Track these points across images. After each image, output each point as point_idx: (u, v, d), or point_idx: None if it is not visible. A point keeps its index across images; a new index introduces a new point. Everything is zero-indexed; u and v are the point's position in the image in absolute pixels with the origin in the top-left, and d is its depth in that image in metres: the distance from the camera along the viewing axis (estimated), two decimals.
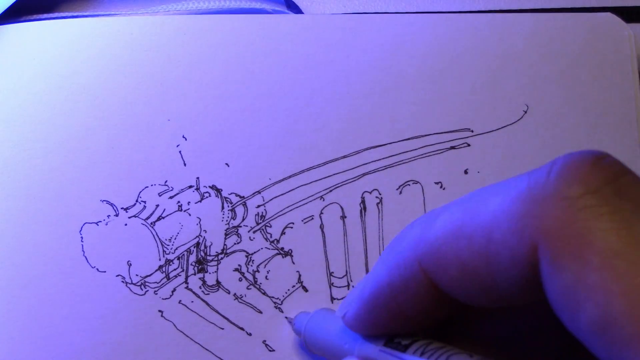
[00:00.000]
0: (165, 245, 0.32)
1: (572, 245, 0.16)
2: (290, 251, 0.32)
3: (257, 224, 0.32)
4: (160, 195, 0.32)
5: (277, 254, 0.32)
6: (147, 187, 0.32)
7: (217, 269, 0.31)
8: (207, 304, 0.31)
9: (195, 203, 0.32)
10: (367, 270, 0.32)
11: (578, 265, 0.15)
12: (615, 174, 0.16)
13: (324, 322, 0.27)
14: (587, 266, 0.15)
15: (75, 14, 0.36)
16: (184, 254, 0.32)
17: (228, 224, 0.32)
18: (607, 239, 0.15)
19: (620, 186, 0.16)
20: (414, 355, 0.21)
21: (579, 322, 0.15)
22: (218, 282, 0.31)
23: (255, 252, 0.32)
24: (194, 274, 0.31)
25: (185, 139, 0.32)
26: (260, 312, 0.31)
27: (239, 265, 0.32)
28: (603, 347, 0.15)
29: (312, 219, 0.32)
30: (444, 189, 0.32)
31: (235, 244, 0.32)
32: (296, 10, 0.36)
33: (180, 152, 0.32)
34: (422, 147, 0.33)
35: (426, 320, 0.21)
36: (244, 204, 0.32)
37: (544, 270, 0.16)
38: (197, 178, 0.32)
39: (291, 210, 0.32)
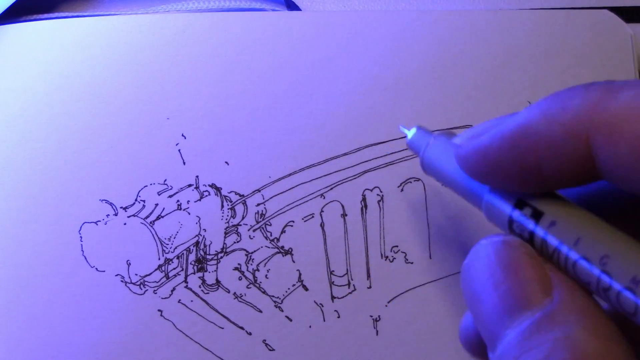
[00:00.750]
0: (165, 245, 0.31)
1: None
2: (290, 250, 0.31)
3: (257, 222, 0.32)
4: (159, 194, 0.32)
5: (277, 252, 0.31)
6: (147, 186, 0.32)
7: (217, 268, 0.31)
8: (207, 303, 0.31)
9: (195, 202, 0.32)
10: (368, 269, 0.31)
11: None
12: None
13: (449, 152, 0.24)
14: None
15: (75, 14, 0.36)
16: (183, 253, 0.31)
17: (228, 222, 0.32)
18: None
19: None
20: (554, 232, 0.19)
21: None
22: (218, 281, 0.31)
23: (255, 251, 0.31)
24: (194, 273, 0.31)
25: (185, 138, 0.32)
26: (260, 311, 0.31)
27: (239, 264, 0.31)
28: None
29: (313, 217, 0.32)
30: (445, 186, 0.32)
31: (235, 242, 0.32)
32: (295, 9, 0.36)
33: (179, 150, 0.32)
34: None
35: (556, 184, 0.19)
36: (244, 203, 0.32)
37: None
38: (197, 177, 0.32)
39: (291, 208, 0.32)
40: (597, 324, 0.17)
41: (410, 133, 0.28)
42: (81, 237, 0.31)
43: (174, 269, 0.31)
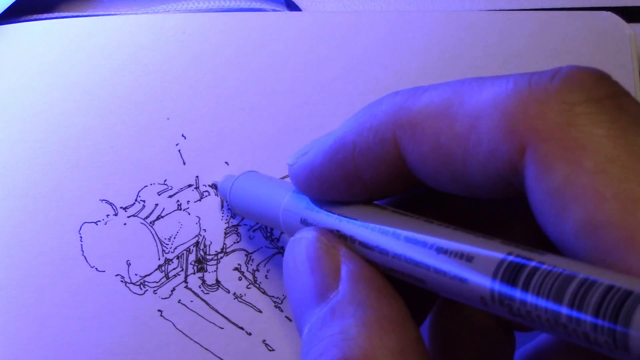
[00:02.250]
0: (165, 245, 0.31)
1: (566, 148, 0.15)
2: None
3: (257, 222, 0.32)
4: (159, 194, 0.32)
5: (277, 252, 0.32)
6: (146, 186, 0.32)
7: (217, 268, 0.31)
8: (207, 303, 0.31)
9: (195, 202, 0.32)
10: None
11: (570, 168, 0.15)
12: (617, 91, 0.16)
13: (255, 181, 0.27)
14: (579, 169, 0.15)
15: (75, 14, 0.36)
16: (183, 253, 0.31)
17: (228, 222, 0.32)
18: (603, 145, 0.15)
19: (621, 102, 0.16)
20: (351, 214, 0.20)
21: (564, 225, 0.15)
22: (218, 282, 0.31)
23: (255, 251, 0.32)
24: (194, 273, 0.31)
25: (185, 138, 0.32)
26: (260, 312, 0.31)
27: (239, 264, 0.31)
28: (588, 251, 0.15)
29: None
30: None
31: (234, 242, 0.32)
32: (296, 9, 0.36)
33: (179, 150, 0.32)
34: None
35: (380, 193, 0.21)
36: None
37: (530, 172, 0.16)
38: (197, 177, 0.32)
39: None
40: (376, 314, 0.18)
41: (219, 182, 0.30)
42: (81, 237, 0.31)
43: (174, 269, 0.31)
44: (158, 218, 0.32)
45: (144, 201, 0.32)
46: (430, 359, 0.18)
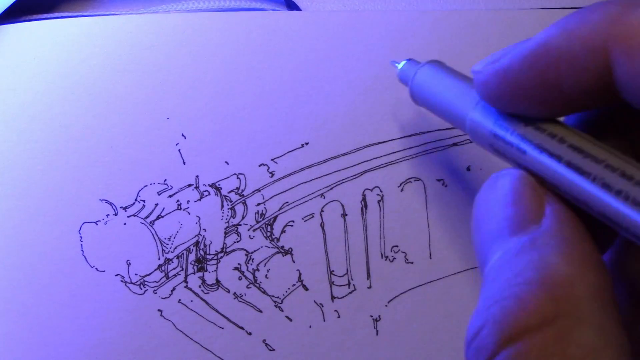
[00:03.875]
0: (165, 244, 0.31)
1: None
2: (290, 249, 0.31)
3: (257, 222, 0.32)
4: (159, 194, 0.32)
5: (277, 252, 0.31)
6: (146, 186, 0.32)
7: (217, 267, 0.31)
8: (207, 303, 0.31)
9: (195, 202, 0.32)
10: (368, 269, 0.31)
11: None
12: None
13: (441, 74, 0.26)
14: None
15: (75, 14, 0.36)
16: (183, 253, 0.31)
17: (228, 222, 0.32)
18: None
19: None
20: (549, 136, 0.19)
21: None
22: (218, 281, 0.31)
23: (255, 251, 0.31)
24: (194, 273, 0.31)
25: (185, 138, 0.32)
26: (260, 311, 0.31)
27: (239, 264, 0.31)
28: None
29: (313, 217, 0.32)
30: (446, 186, 0.32)
31: (235, 242, 0.32)
32: (295, 8, 0.36)
33: (179, 150, 0.32)
34: (424, 144, 0.32)
35: (576, 106, 0.20)
36: (244, 202, 0.32)
37: None
38: (197, 176, 0.32)
39: (291, 208, 0.32)
40: (576, 251, 0.18)
41: (400, 65, 0.29)
42: (81, 237, 0.31)
43: (174, 268, 0.31)
44: (158, 218, 0.32)
45: (144, 201, 0.32)
46: (618, 307, 0.18)
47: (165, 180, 0.32)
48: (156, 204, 0.32)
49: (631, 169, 0.17)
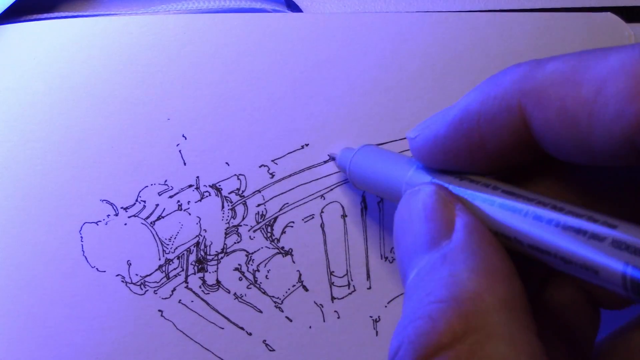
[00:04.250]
0: (165, 245, 0.31)
1: None
2: (290, 250, 0.32)
3: (257, 223, 0.32)
4: (160, 194, 0.32)
5: (278, 253, 0.32)
6: (147, 186, 0.32)
7: (217, 268, 0.31)
8: (207, 303, 0.31)
9: (195, 202, 0.32)
10: (367, 270, 0.32)
11: None
12: None
13: (375, 154, 0.27)
14: None
15: (75, 14, 0.35)
16: (183, 254, 0.31)
17: (228, 223, 0.32)
18: None
19: None
20: (474, 184, 0.20)
21: None
22: (218, 282, 0.31)
23: (255, 252, 0.32)
24: (194, 274, 0.31)
25: (185, 138, 0.32)
26: (261, 312, 0.31)
27: (239, 264, 0.31)
28: None
29: (313, 218, 0.32)
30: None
31: (235, 243, 0.32)
32: (296, 10, 0.36)
33: (180, 151, 0.32)
34: None
35: (501, 163, 0.21)
36: (244, 203, 0.32)
37: None
38: (197, 177, 0.32)
39: (292, 209, 0.32)
40: (484, 264, 0.18)
41: (338, 155, 0.31)
42: (82, 237, 0.31)
43: (175, 269, 0.31)
44: (159, 218, 0.32)
45: (144, 201, 0.32)
46: (532, 314, 0.18)
47: (166, 180, 0.32)
48: (157, 205, 0.32)
49: (560, 203, 0.18)
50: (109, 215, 0.32)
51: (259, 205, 0.32)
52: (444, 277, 0.18)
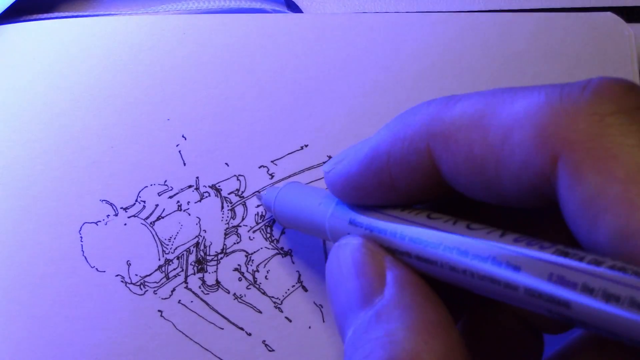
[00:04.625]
0: (165, 245, 0.31)
1: (597, 158, 0.16)
2: (290, 251, 0.32)
3: (257, 223, 0.32)
4: (159, 194, 0.32)
5: (277, 253, 0.32)
6: (147, 186, 0.32)
7: (217, 268, 0.31)
8: (207, 303, 0.31)
9: (195, 203, 0.32)
10: None
11: (602, 177, 0.15)
12: None
13: (298, 192, 0.27)
14: (610, 178, 0.15)
15: (75, 14, 0.36)
16: (183, 254, 0.31)
17: (228, 223, 0.32)
18: (634, 154, 0.15)
19: None
20: (392, 214, 0.21)
21: (597, 234, 0.15)
22: (218, 282, 0.31)
23: (255, 252, 0.32)
24: (194, 274, 0.31)
25: (185, 139, 0.32)
26: (260, 312, 0.31)
27: (239, 265, 0.31)
28: (622, 259, 0.15)
29: None
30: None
31: (234, 243, 0.32)
32: (296, 10, 0.36)
33: (179, 151, 0.32)
34: None
35: (415, 200, 0.21)
36: (244, 204, 0.32)
37: (562, 182, 0.16)
38: (197, 178, 0.32)
39: None
40: (421, 319, 0.18)
41: (263, 195, 0.30)
42: (81, 237, 0.31)
43: (174, 269, 0.31)
44: (158, 218, 0.32)
45: (144, 202, 0.32)
46: None
47: (166, 181, 0.32)
48: (156, 205, 0.32)
49: (474, 226, 0.18)
50: (108, 215, 0.32)
51: (258, 205, 0.32)
52: (380, 337, 0.18)
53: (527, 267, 0.16)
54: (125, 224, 0.32)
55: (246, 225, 0.32)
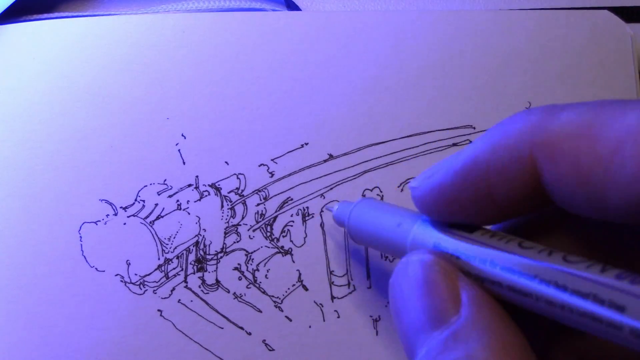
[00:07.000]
0: (165, 245, 0.31)
1: None
2: (290, 250, 0.31)
3: (257, 222, 0.32)
4: (159, 194, 0.32)
5: (277, 252, 0.31)
6: (146, 186, 0.32)
7: (217, 268, 0.31)
8: (207, 303, 0.31)
9: (195, 202, 0.32)
10: (368, 269, 0.31)
11: None
12: None
13: (374, 209, 0.26)
14: None
15: (75, 14, 0.36)
16: (183, 253, 0.31)
17: (227, 222, 0.32)
18: None
19: None
20: (482, 238, 0.20)
21: None
22: (217, 281, 0.31)
23: (255, 251, 0.31)
24: (193, 273, 0.31)
25: (185, 138, 0.32)
26: (260, 312, 0.31)
27: (239, 264, 0.31)
28: None
29: (313, 217, 0.32)
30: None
31: (234, 242, 0.32)
32: (296, 9, 0.36)
33: (179, 150, 0.32)
34: (424, 144, 0.32)
35: (510, 213, 0.20)
36: (244, 203, 0.32)
37: None
38: (197, 177, 0.32)
39: (291, 208, 0.32)
40: (500, 340, 0.18)
41: (335, 209, 0.29)
42: (81, 237, 0.31)
43: (174, 269, 0.31)
44: (158, 218, 0.32)
45: (143, 201, 0.32)
46: None
47: (165, 180, 0.32)
48: (156, 204, 0.32)
49: (570, 257, 0.18)
50: (108, 214, 0.32)
51: (258, 204, 0.32)
52: (460, 358, 0.17)
53: (632, 308, 0.15)
54: (124, 224, 0.32)
55: (246, 224, 0.32)
